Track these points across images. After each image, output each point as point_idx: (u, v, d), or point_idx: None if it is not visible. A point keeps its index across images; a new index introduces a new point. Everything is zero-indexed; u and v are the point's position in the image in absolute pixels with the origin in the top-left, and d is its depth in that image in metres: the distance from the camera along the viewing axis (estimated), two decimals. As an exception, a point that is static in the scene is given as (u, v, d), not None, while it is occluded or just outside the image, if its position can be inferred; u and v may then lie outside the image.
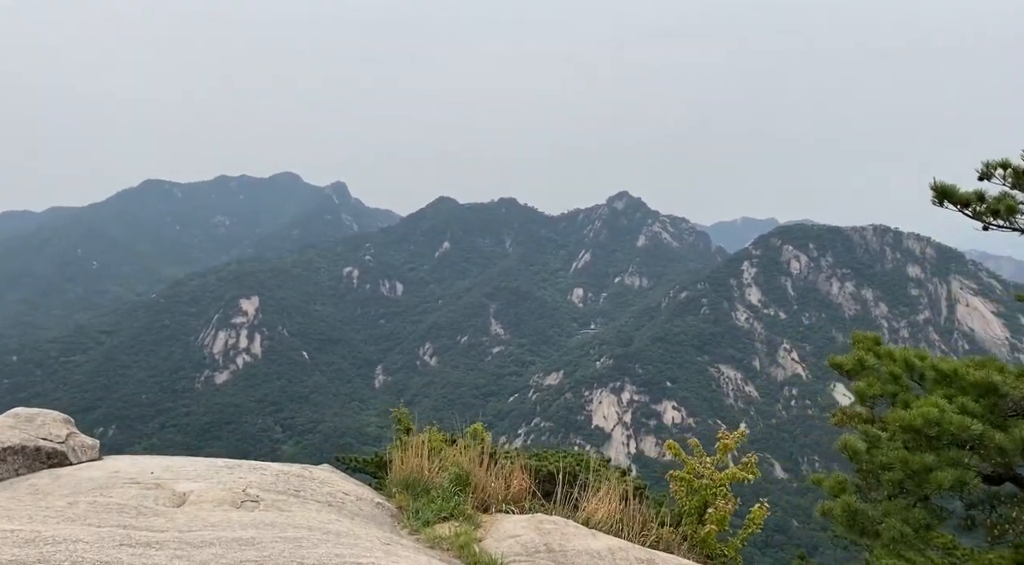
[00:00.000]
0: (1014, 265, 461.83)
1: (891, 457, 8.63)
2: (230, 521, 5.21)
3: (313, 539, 4.92)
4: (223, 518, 5.29)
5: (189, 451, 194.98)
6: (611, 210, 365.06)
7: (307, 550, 4.51)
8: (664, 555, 6.66)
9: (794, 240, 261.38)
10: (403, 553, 5.08)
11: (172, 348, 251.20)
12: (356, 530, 5.47)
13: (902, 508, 8.54)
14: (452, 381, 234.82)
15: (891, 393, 9.65)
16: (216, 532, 4.98)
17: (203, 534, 4.89)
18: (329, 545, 4.77)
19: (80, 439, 8.82)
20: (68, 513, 5.13)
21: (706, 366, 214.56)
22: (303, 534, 4.92)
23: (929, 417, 8.34)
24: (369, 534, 5.52)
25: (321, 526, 5.34)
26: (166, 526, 4.99)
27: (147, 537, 4.58)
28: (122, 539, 4.43)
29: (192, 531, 5.00)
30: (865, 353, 9.82)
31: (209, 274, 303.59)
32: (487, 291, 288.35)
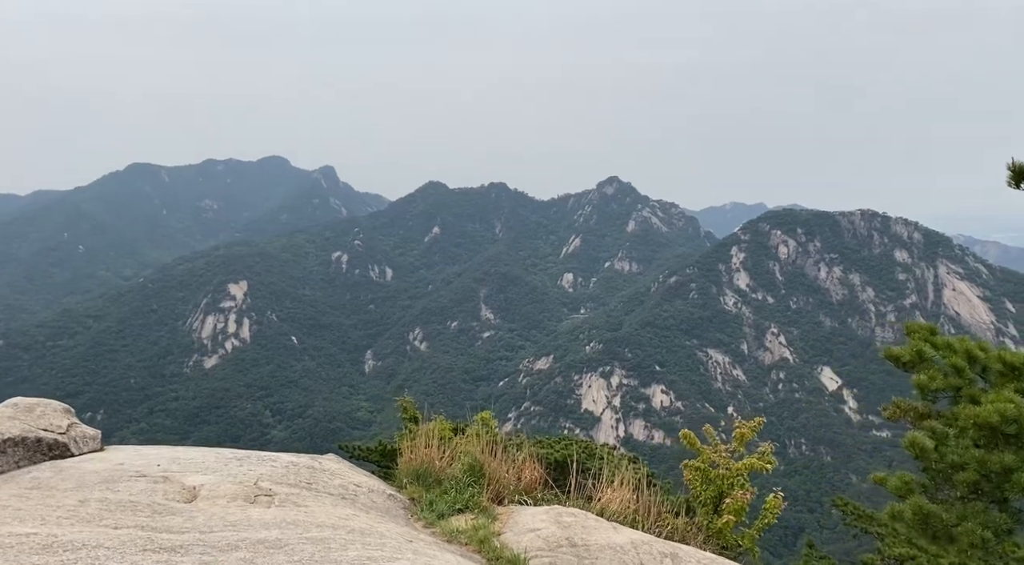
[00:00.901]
0: (1000, 250, 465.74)
1: (965, 456, 8.17)
2: (250, 520, 5.06)
3: (339, 540, 4.78)
4: (242, 517, 5.14)
5: (179, 436, 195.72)
6: (601, 195, 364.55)
7: (337, 553, 4.39)
8: (687, 549, 6.55)
9: (782, 225, 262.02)
10: (428, 551, 4.94)
11: (160, 333, 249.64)
12: (378, 527, 5.33)
13: (980, 511, 8.10)
14: (442, 366, 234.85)
15: (954, 387, 9.20)
16: (239, 533, 4.87)
17: (225, 535, 4.77)
18: (357, 547, 4.64)
19: (81, 430, 8.60)
20: (81, 513, 4.96)
21: (694, 350, 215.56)
22: (328, 534, 4.78)
23: (1006, 413, 7.91)
24: (391, 531, 5.38)
25: (342, 524, 5.19)
26: (185, 526, 4.86)
27: (169, 540, 4.43)
28: (144, 543, 4.32)
29: (213, 532, 4.88)
30: (922, 344, 9.37)
31: (197, 258, 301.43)
32: (477, 276, 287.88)
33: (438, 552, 5.08)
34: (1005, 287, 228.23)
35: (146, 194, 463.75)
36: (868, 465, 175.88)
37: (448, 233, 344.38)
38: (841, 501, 13.95)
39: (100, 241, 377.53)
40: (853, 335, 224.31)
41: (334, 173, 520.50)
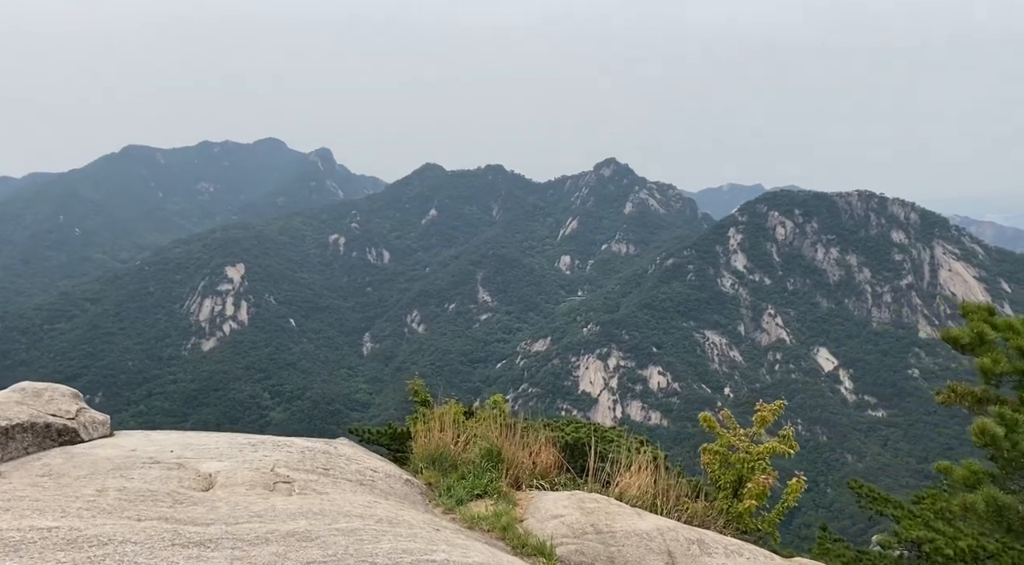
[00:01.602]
0: (995, 230, 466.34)
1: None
2: (275, 510, 4.94)
3: (370, 530, 4.68)
4: (267, 506, 5.02)
5: (177, 419, 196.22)
6: (598, 177, 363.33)
7: (370, 545, 4.33)
8: (713, 535, 6.48)
9: (780, 206, 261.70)
10: (458, 541, 4.83)
11: (158, 315, 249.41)
12: (403, 515, 5.23)
13: None
14: (440, 348, 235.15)
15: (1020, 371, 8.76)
16: (266, 524, 4.75)
17: (253, 527, 4.64)
18: (389, 538, 4.54)
19: (90, 415, 8.47)
20: (100, 504, 4.83)
21: (691, 332, 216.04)
22: (357, 525, 4.67)
23: None
24: (416, 519, 5.29)
25: (367, 512, 5.09)
26: (209, 518, 4.76)
27: (195, 533, 4.32)
28: (171, 537, 4.21)
29: (239, 523, 4.75)
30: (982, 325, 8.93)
31: (194, 241, 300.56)
32: (474, 259, 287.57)
33: (468, 541, 4.99)
34: (1001, 267, 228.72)
35: (142, 176, 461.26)
36: (863, 445, 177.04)
37: (445, 215, 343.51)
38: (856, 483, 13.92)
39: (96, 224, 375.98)
40: (849, 316, 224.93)
41: (331, 155, 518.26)
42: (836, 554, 11.79)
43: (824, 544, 12.49)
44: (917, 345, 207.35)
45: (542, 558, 5.61)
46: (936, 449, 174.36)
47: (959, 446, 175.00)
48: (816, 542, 12.81)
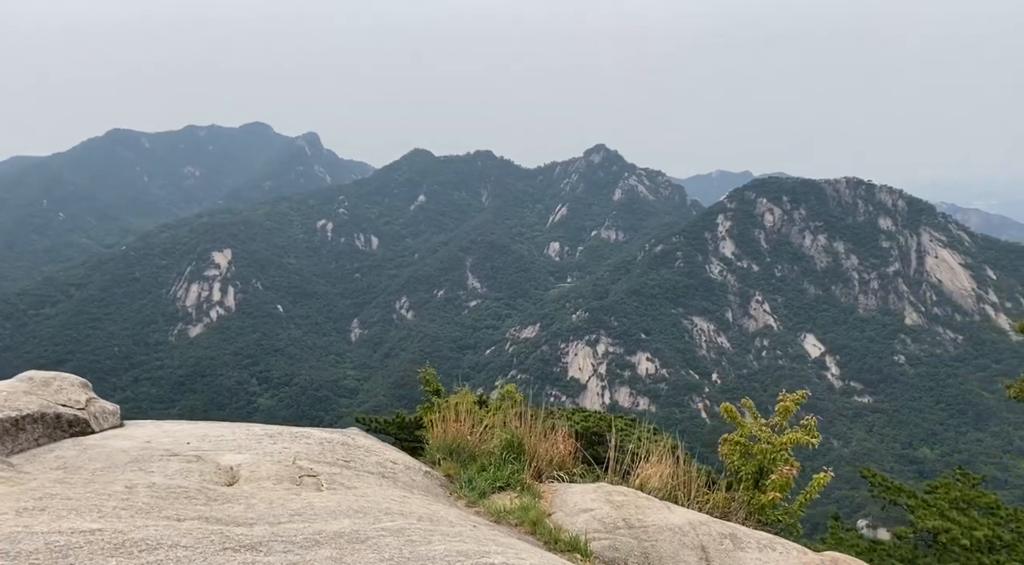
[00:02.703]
0: (981, 217, 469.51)
1: None
2: (313, 507, 4.82)
3: (417, 530, 4.57)
4: (304, 504, 4.89)
5: (164, 405, 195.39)
6: (588, 163, 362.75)
7: (423, 547, 4.24)
8: (743, 529, 6.42)
9: (768, 193, 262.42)
10: (505, 541, 4.73)
11: (144, 301, 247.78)
12: (440, 512, 5.14)
13: None
14: (429, 334, 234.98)
15: None
16: (310, 524, 4.60)
17: (298, 527, 4.49)
18: (438, 538, 4.43)
19: (100, 405, 8.29)
20: (135, 502, 4.69)
21: (680, 318, 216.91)
22: (401, 524, 4.56)
23: None
24: (452, 516, 5.17)
25: (406, 509, 4.99)
26: (249, 517, 4.62)
27: (242, 535, 4.22)
28: (219, 540, 4.08)
29: (281, 523, 4.60)
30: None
31: (180, 226, 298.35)
32: (463, 245, 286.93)
33: (513, 540, 4.89)
34: (986, 254, 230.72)
35: (127, 160, 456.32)
36: (849, 430, 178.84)
37: (434, 201, 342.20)
38: (869, 472, 13.95)
39: (80, 208, 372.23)
40: (836, 303, 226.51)
41: (318, 140, 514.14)
42: (849, 544, 11.82)
43: (837, 534, 12.53)
44: (903, 332, 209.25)
45: (577, 554, 5.53)
46: (920, 435, 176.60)
47: (943, 431, 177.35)
48: (828, 532, 12.85)
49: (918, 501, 12.13)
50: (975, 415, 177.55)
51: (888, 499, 12.92)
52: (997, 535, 10.79)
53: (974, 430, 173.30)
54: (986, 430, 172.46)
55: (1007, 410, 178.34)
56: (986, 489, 12.42)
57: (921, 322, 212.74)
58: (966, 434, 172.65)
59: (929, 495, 12.43)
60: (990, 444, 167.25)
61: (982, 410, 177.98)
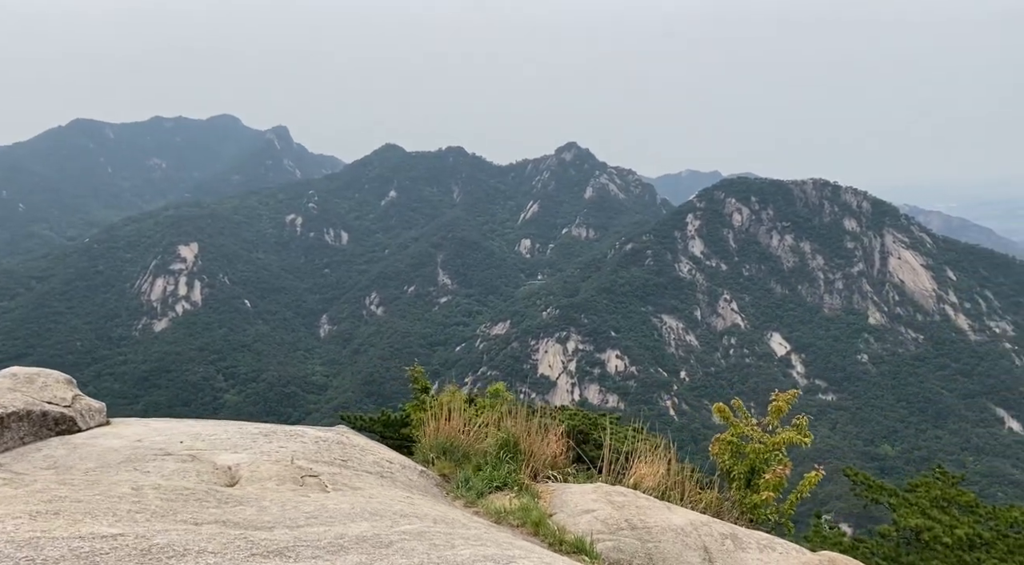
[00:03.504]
0: (942, 219, 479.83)
1: None
2: (327, 509, 4.77)
3: (438, 534, 4.56)
4: (317, 506, 4.85)
5: (128, 400, 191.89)
6: (559, 161, 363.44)
7: (448, 551, 4.21)
8: (743, 529, 6.50)
9: (737, 193, 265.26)
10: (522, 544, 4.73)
11: (107, 295, 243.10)
12: (451, 514, 5.14)
13: None
14: (399, 331, 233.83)
15: None
16: (330, 527, 4.55)
17: (319, 531, 4.43)
18: (461, 542, 4.43)
19: (86, 402, 8.11)
20: (147, 505, 4.61)
21: (649, 316, 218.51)
22: (420, 527, 4.55)
23: None
24: (465, 518, 5.16)
25: (419, 511, 4.98)
26: (265, 520, 4.57)
27: (266, 541, 4.15)
28: (245, 545, 4.01)
29: (301, 526, 4.53)
30: None
31: (145, 219, 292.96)
32: (434, 241, 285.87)
33: (535, 545, 4.88)
34: (947, 256, 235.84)
35: (90, 151, 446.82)
36: (813, 427, 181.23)
37: (405, 197, 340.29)
38: (851, 471, 14.19)
39: (42, 199, 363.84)
40: (802, 302, 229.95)
41: (288, 133, 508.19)
42: (832, 542, 12.02)
43: (820, 532, 12.72)
44: (867, 331, 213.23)
45: (584, 556, 5.54)
46: (882, 432, 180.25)
47: (903, 429, 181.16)
48: (811, 530, 13.05)
49: (900, 500, 12.37)
50: (934, 413, 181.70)
51: (871, 498, 13.17)
52: (977, 533, 11.07)
53: (933, 428, 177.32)
54: (945, 427, 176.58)
55: (965, 408, 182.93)
56: (964, 488, 12.75)
57: (884, 322, 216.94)
58: (926, 431, 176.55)
59: (910, 494, 12.69)
60: (949, 442, 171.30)
61: (941, 408, 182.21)
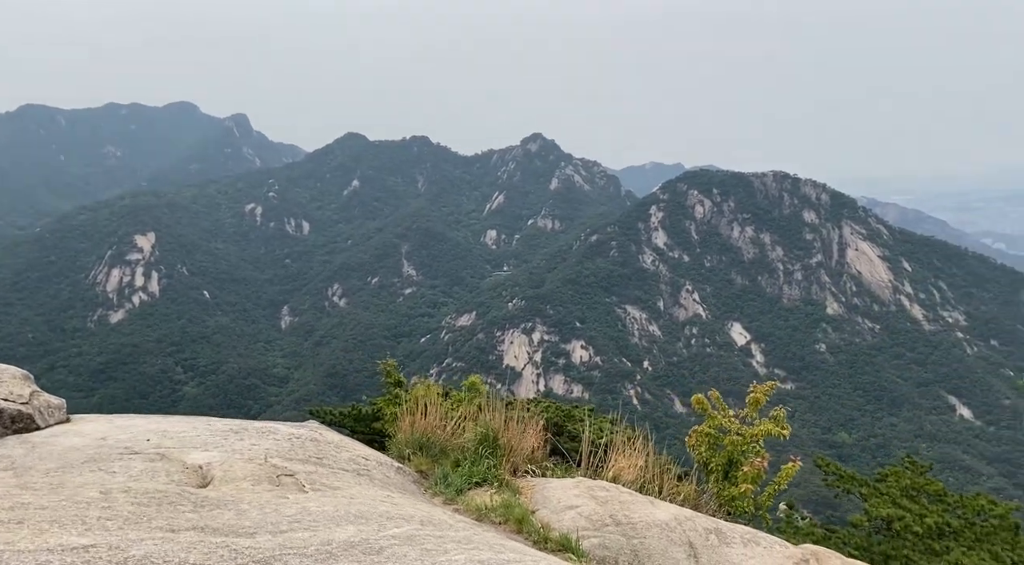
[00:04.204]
0: (898, 211, 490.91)
1: None
2: (309, 513, 4.56)
3: (428, 538, 4.36)
4: (299, 509, 4.63)
5: (83, 393, 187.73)
6: (525, 152, 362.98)
7: (442, 557, 4.06)
8: (727, 524, 6.47)
9: (699, 185, 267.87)
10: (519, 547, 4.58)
11: (60, 286, 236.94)
12: (436, 514, 4.99)
13: None
14: (363, 322, 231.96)
15: None
16: (315, 532, 4.33)
17: (304, 537, 4.24)
18: (453, 546, 4.24)
19: (45, 399, 7.74)
20: (119, 510, 4.31)
21: (613, 307, 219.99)
22: (408, 530, 4.35)
23: None
24: (452, 519, 5.01)
25: (404, 513, 4.82)
26: (245, 525, 4.32)
27: (251, 549, 3.91)
28: (229, 556, 3.76)
29: (284, 532, 4.30)
30: None
31: (100, 208, 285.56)
32: (399, 232, 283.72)
33: (527, 548, 4.74)
34: (903, 247, 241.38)
35: (41, 138, 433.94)
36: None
37: (368, 187, 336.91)
38: (823, 461, 14.36)
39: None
40: (762, 292, 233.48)
41: (247, 121, 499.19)
42: (805, 533, 12.15)
43: (792, 522, 12.86)
44: (824, 321, 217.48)
45: (570, 554, 5.43)
46: (839, 420, 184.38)
47: (860, 417, 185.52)
48: (783, 521, 13.17)
49: (871, 489, 12.58)
50: (889, 401, 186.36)
51: (842, 488, 13.36)
52: (946, 521, 11.31)
53: (888, 415, 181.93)
54: (899, 415, 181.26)
55: (919, 396, 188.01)
56: (933, 477, 13.01)
57: (841, 312, 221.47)
58: (881, 419, 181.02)
59: (880, 483, 12.91)
60: (903, 429, 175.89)
61: (896, 396, 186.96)
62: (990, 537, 11.46)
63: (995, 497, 13.47)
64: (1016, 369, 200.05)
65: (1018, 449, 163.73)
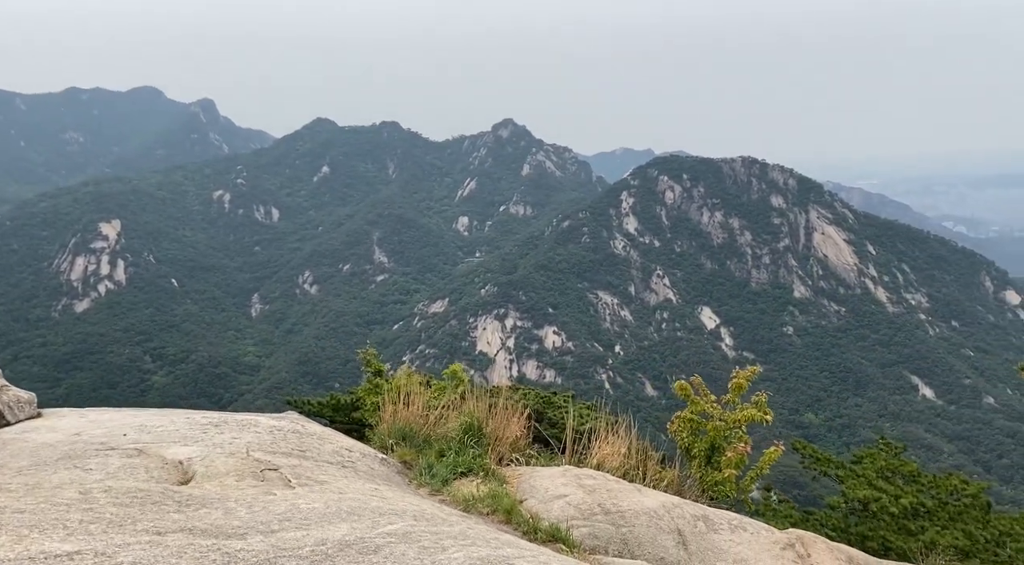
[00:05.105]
0: (863, 195, 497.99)
1: None
2: (299, 510, 4.44)
3: (426, 534, 4.30)
4: (288, 506, 4.51)
5: (48, 383, 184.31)
6: (496, 138, 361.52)
7: (441, 555, 3.93)
8: (714, 510, 6.51)
9: (669, 171, 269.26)
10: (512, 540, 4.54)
11: (23, 274, 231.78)
12: (426, 507, 4.93)
13: None
14: (334, 310, 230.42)
15: None
16: (307, 531, 4.18)
17: (297, 537, 4.08)
18: (450, 542, 4.20)
19: (14, 393, 7.54)
20: (100, 512, 4.14)
21: (585, 292, 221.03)
22: (402, 526, 4.25)
23: None
24: (443, 512, 4.95)
25: (396, 507, 4.75)
26: (235, 525, 4.16)
27: (244, 551, 3.73)
28: (221, 559, 3.58)
29: (276, 532, 4.14)
30: None
31: (62, 195, 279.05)
32: (370, 218, 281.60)
33: (524, 542, 4.70)
34: (868, 231, 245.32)
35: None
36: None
37: (338, 173, 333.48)
38: (801, 444, 14.55)
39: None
40: (731, 277, 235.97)
41: (214, 107, 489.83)
42: (783, 515, 12.34)
43: (770, 505, 13.04)
44: (791, 304, 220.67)
45: (561, 544, 5.41)
46: (806, 401, 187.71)
47: (826, 398, 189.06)
48: (762, 504, 13.34)
49: (847, 471, 12.82)
50: (855, 382, 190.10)
51: (820, 470, 13.59)
52: (920, 502, 11.58)
53: (854, 396, 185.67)
54: (864, 396, 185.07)
55: (883, 377, 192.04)
56: (907, 458, 13.29)
57: (808, 295, 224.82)
58: (847, 400, 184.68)
59: (856, 465, 13.16)
60: (868, 409, 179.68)
61: (861, 377, 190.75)
62: (963, 516, 11.78)
63: (966, 476, 13.82)
64: (976, 349, 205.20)
65: (977, 427, 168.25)
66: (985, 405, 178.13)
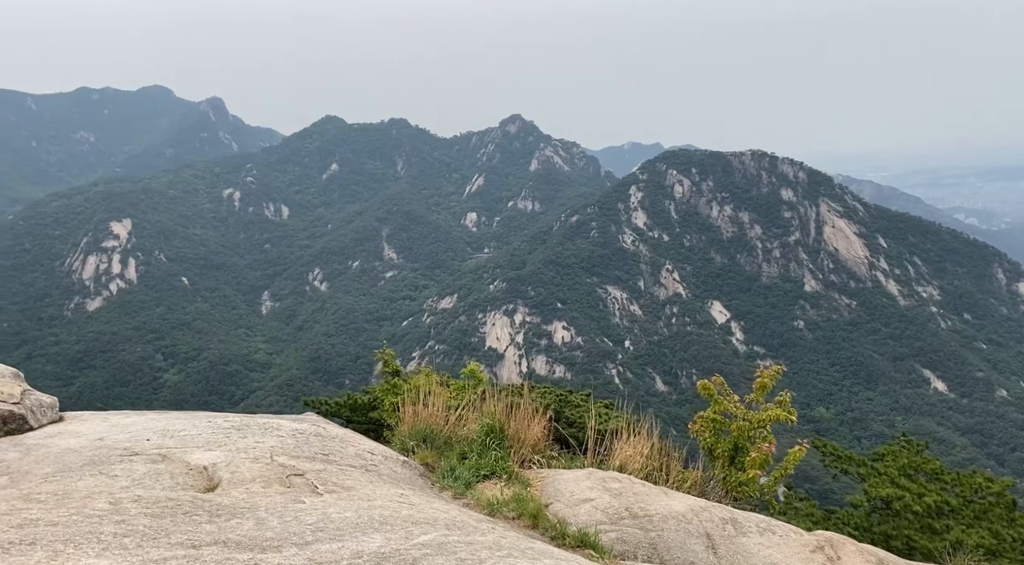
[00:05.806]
0: (873, 188, 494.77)
1: None
2: (331, 519, 4.37)
3: (461, 545, 4.23)
4: (319, 516, 4.44)
5: (62, 382, 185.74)
6: (504, 133, 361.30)
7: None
8: (742, 513, 6.45)
9: (678, 165, 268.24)
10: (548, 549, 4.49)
11: (36, 274, 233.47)
12: (454, 513, 4.87)
13: None
14: (344, 306, 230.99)
15: None
16: (342, 543, 4.07)
17: (332, 549, 3.95)
18: (486, 554, 4.13)
19: (37, 397, 7.53)
20: (133, 524, 4.12)
21: (594, 287, 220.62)
22: (436, 537, 4.16)
23: None
24: (471, 517, 4.90)
25: (426, 515, 4.70)
26: (269, 537, 4.08)
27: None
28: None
29: (310, 543, 4.02)
30: None
31: (74, 194, 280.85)
32: (379, 215, 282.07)
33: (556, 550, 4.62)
34: (879, 224, 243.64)
35: (11, 123, 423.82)
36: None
37: (347, 170, 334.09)
38: (820, 442, 14.41)
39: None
40: (741, 271, 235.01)
41: (223, 105, 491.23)
42: (805, 514, 12.25)
43: (791, 504, 12.94)
44: (803, 298, 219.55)
45: (590, 550, 5.36)
46: (817, 395, 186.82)
47: (837, 392, 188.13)
48: (783, 502, 13.24)
49: (869, 469, 12.70)
50: (866, 376, 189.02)
51: (840, 468, 13.47)
52: (944, 500, 11.46)
53: (865, 390, 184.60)
54: (876, 389, 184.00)
55: (894, 370, 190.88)
56: (930, 455, 13.17)
57: (819, 289, 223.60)
58: (858, 394, 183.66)
59: (878, 463, 13.03)
60: (880, 403, 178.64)
61: (872, 371, 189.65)
62: (988, 514, 11.64)
63: (990, 473, 13.67)
64: (988, 342, 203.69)
65: (989, 420, 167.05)
66: (998, 398, 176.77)
